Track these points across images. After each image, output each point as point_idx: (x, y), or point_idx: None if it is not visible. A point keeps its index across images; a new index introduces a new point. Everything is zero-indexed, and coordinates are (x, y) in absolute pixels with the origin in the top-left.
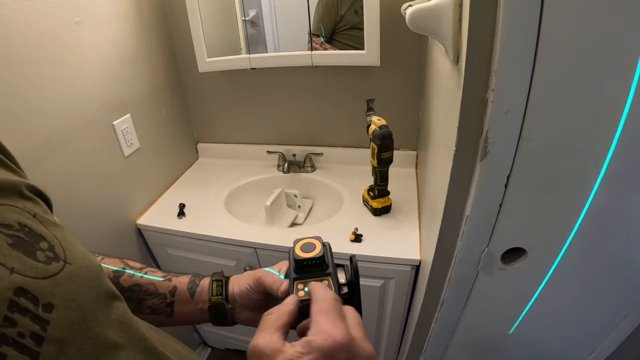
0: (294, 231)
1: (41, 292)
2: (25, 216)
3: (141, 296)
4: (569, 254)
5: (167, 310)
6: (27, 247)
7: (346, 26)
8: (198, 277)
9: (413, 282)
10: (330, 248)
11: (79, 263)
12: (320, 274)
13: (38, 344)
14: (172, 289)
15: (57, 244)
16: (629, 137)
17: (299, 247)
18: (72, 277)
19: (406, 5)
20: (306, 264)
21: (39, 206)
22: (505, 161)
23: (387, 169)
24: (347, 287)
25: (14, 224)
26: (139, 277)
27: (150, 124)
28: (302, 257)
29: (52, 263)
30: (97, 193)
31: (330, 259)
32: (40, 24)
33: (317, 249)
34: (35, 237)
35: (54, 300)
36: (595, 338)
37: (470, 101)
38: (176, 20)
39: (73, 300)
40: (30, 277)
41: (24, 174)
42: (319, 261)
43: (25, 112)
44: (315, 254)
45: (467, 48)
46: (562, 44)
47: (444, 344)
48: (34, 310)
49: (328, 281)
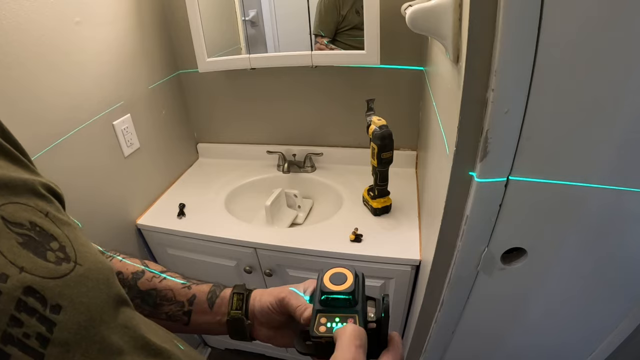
0: (294, 231)
1: (50, 292)
2: (37, 215)
3: (158, 301)
4: (569, 254)
5: (184, 319)
6: (38, 247)
7: (348, 26)
8: (219, 287)
9: (413, 282)
10: (364, 279)
11: (90, 265)
12: (348, 310)
13: (43, 345)
14: (191, 298)
15: (68, 245)
16: (628, 137)
17: (328, 277)
18: (82, 279)
19: (406, 5)
20: (333, 298)
21: (52, 205)
22: (505, 161)
23: (387, 169)
24: (375, 323)
25: (25, 223)
26: (157, 282)
27: (150, 124)
28: (330, 289)
29: (62, 264)
30: (97, 193)
31: (360, 293)
32: (41, 23)
33: (348, 282)
34: (46, 236)
35: (62, 302)
36: (595, 338)
37: (470, 101)
38: (176, 20)
39: (82, 302)
40: (40, 277)
41: (37, 171)
42: (347, 296)
43: (25, 112)
44: (345, 288)
45: (467, 48)
46: (562, 44)
47: (444, 344)
48: (42, 310)
49: (354, 319)
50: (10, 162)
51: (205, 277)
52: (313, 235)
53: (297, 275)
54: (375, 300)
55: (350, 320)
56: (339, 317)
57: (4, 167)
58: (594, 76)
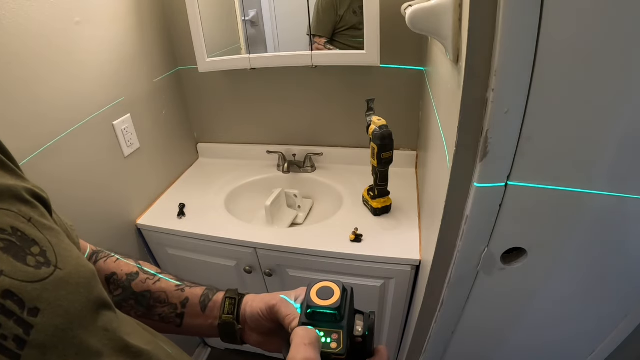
0: (294, 231)
1: (28, 295)
2: (20, 220)
3: (152, 303)
4: (569, 253)
5: (177, 321)
6: (18, 252)
7: (345, 27)
8: (212, 291)
9: (413, 282)
10: (352, 294)
11: (71, 269)
12: (333, 325)
13: (20, 347)
14: (184, 300)
15: (49, 249)
16: (629, 136)
17: (315, 292)
18: (61, 283)
19: (406, 5)
20: (319, 312)
21: (36, 210)
22: (505, 161)
23: (387, 169)
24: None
25: (7, 228)
26: (151, 284)
27: (150, 124)
28: (316, 304)
29: (42, 268)
30: (97, 193)
31: (346, 309)
32: (40, 23)
33: (335, 297)
34: (27, 241)
35: (40, 305)
36: (595, 338)
37: (470, 101)
38: (176, 20)
39: (60, 306)
40: (19, 281)
41: (24, 176)
42: (333, 311)
43: (25, 112)
44: (331, 303)
45: (467, 48)
46: (562, 44)
47: (444, 344)
48: (19, 313)
49: (338, 334)
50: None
51: (206, 277)
52: (313, 235)
53: (297, 275)
54: (364, 314)
55: (334, 335)
56: (323, 332)
57: None
58: (594, 76)
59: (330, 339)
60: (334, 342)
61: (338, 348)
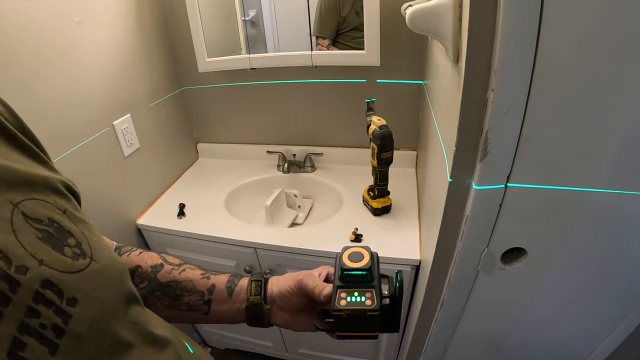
0: (294, 231)
1: (67, 286)
2: (56, 212)
3: (178, 292)
4: (569, 253)
5: (204, 308)
6: (56, 242)
7: (348, 28)
8: (237, 277)
9: (413, 282)
10: (378, 258)
11: (105, 262)
12: (365, 285)
13: (58, 336)
14: (210, 287)
15: (84, 241)
16: (629, 137)
17: (347, 256)
18: (97, 275)
19: (406, 5)
20: (352, 274)
21: (70, 202)
22: (505, 161)
23: (387, 169)
24: (389, 299)
25: (44, 219)
26: (177, 274)
27: (150, 124)
28: (350, 266)
29: (79, 259)
30: (97, 193)
31: (376, 270)
32: (40, 23)
33: (365, 259)
34: (64, 233)
35: (78, 295)
36: (595, 338)
37: (470, 101)
38: (176, 20)
39: (96, 297)
40: (58, 271)
41: (56, 168)
42: (365, 272)
43: (24, 112)
44: (363, 264)
45: (467, 48)
46: (562, 44)
47: (444, 344)
48: (59, 303)
49: (371, 293)
50: (31, 159)
51: None
52: (313, 235)
53: None
54: (389, 278)
55: (368, 293)
56: (357, 292)
57: (25, 163)
58: (594, 76)
59: (364, 297)
60: (369, 299)
61: (373, 304)
